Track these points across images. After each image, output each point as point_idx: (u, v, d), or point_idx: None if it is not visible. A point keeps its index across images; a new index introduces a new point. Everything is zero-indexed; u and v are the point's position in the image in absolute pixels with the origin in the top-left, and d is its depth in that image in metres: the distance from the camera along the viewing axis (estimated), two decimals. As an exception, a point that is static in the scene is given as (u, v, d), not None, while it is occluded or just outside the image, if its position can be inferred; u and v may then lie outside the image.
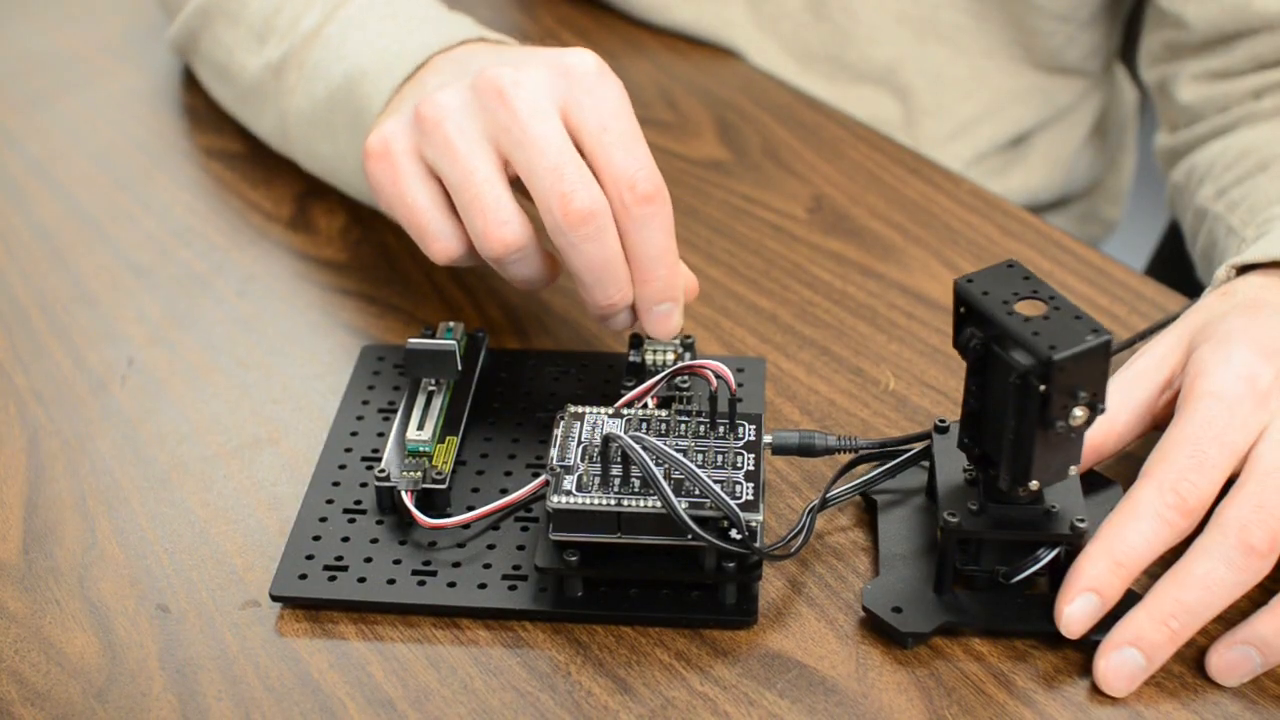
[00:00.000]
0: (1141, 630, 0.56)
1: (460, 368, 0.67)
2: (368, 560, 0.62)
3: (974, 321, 0.57)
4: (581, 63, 0.65)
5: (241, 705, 0.57)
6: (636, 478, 0.58)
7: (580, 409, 0.62)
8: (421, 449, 0.64)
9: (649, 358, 0.68)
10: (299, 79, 0.78)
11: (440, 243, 0.66)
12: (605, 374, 0.71)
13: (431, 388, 0.67)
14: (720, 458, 0.59)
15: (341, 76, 0.75)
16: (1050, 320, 0.55)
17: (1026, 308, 0.56)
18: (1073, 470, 0.57)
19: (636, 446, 0.57)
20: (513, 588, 0.60)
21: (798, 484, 0.66)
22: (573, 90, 0.64)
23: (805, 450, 0.63)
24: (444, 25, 0.74)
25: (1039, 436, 0.55)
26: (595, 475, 0.58)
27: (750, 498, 0.58)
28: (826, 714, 0.56)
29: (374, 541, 0.62)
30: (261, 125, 0.84)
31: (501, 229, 0.63)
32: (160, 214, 0.84)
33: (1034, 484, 0.56)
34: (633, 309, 0.65)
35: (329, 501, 0.64)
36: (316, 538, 0.63)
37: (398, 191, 0.67)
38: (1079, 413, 0.54)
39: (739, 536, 0.57)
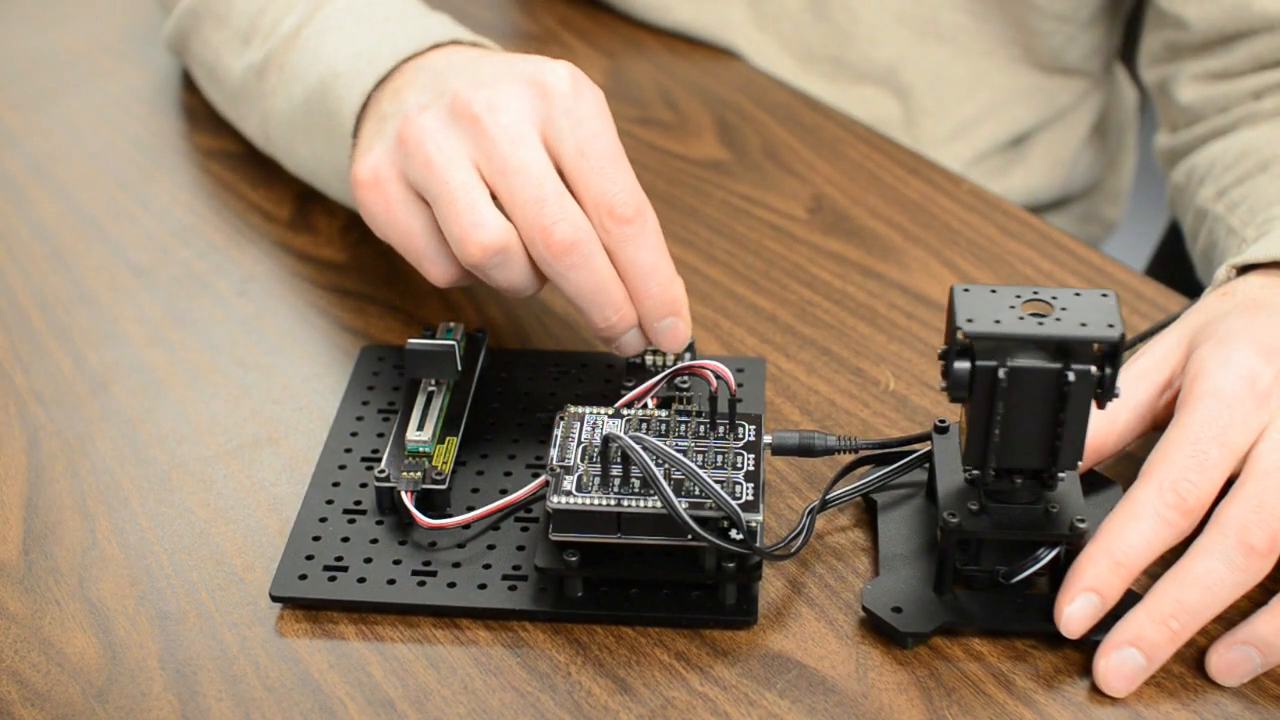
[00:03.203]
0: (1141, 630, 0.56)
1: (460, 368, 0.66)
2: (368, 560, 0.62)
3: (985, 355, 0.55)
4: (558, 81, 0.64)
5: (241, 705, 0.57)
6: (636, 478, 0.58)
7: (580, 409, 0.62)
8: (421, 449, 0.64)
9: (649, 358, 0.68)
10: (279, 81, 0.78)
11: (438, 266, 0.66)
12: (605, 374, 0.71)
13: (431, 388, 0.67)
14: (720, 458, 0.59)
15: (317, 80, 0.75)
16: (1070, 310, 0.55)
17: (1035, 308, 0.56)
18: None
19: (636, 447, 0.57)
20: (513, 588, 0.60)
21: (798, 484, 0.66)
22: (550, 111, 0.64)
23: (805, 450, 0.63)
24: (417, 28, 0.74)
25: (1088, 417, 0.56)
26: (595, 475, 0.58)
27: (750, 498, 0.58)
28: (826, 714, 0.56)
29: (374, 542, 0.62)
30: (247, 126, 0.84)
31: (478, 232, 0.63)
32: (160, 214, 0.84)
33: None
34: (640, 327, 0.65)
35: (329, 502, 0.64)
36: (316, 538, 0.63)
37: (391, 220, 0.67)
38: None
39: (739, 536, 0.57)
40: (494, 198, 0.64)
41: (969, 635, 0.59)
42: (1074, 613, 0.57)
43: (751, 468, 0.59)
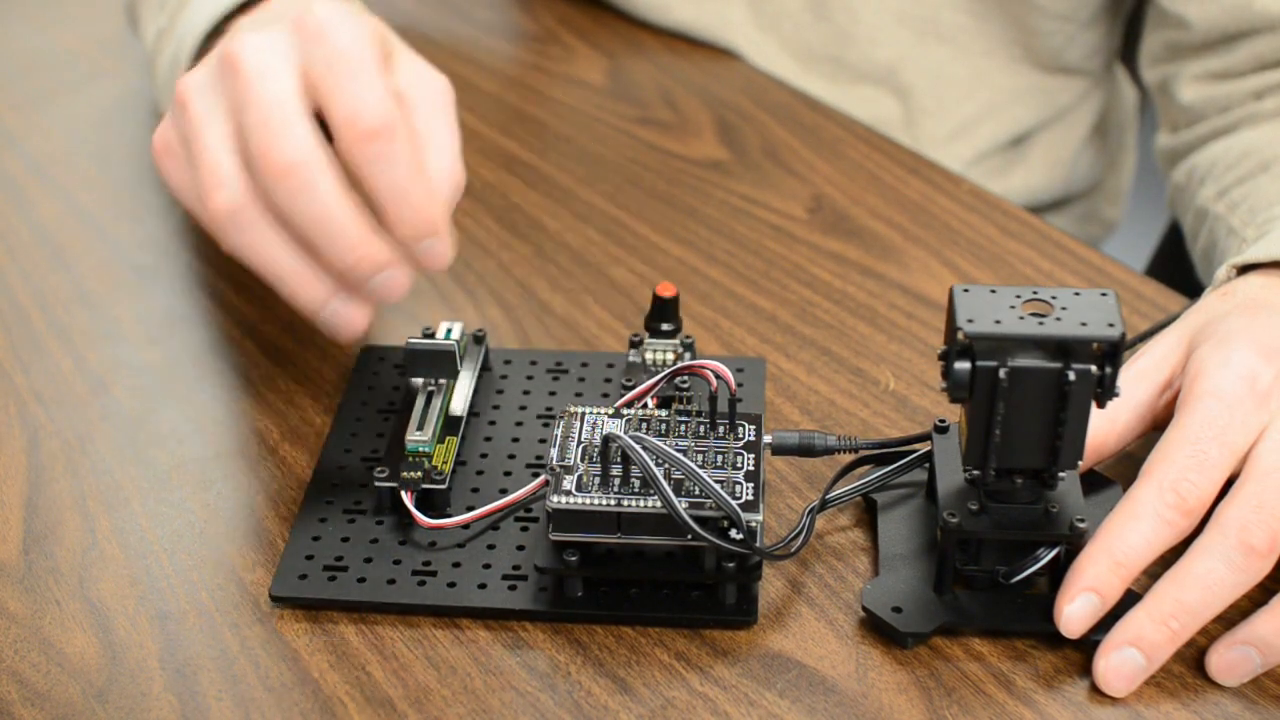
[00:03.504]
0: (1141, 630, 0.56)
1: (460, 368, 0.66)
2: (368, 560, 0.62)
3: (985, 356, 0.55)
4: (310, 15, 0.61)
5: (241, 705, 0.57)
6: (636, 478, 0.58)
7: (580, 409, 0.62)
8: (421, 449, 0.64)
9: (649, 357, 0.68)
10: (168, 42, 0.77)
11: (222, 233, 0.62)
12: (605, 374, 0.71)
13: (431, 388, 0.67)
14: (720, 458, 0.59)
15: (178, 38, 0.74)
16: (1070, 309, 0.55)
17: (1034, 308, 0.56)
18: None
19: (636, 446, 0.57)
20: (513, 588, 0.60)
21: (798, 484, 0.66)
22: (305, 42, 0.61)
23: (805, 450, 0.63)
24: None
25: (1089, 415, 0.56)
26: (595, 475, 0.58)
27: (750, 498, 0.58)
28: (826, 714, 0.56)
29: (374, 542, 0.62)
30: (156, 93, 0.83)
31: (214, 193, 0.59)
32: (160, 214, 0.84)
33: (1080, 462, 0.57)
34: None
35: (329, 502, 0.64)
36: (316, 538, 0.63)
37: (178, 183, 0.63)
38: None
39: (739, 536, 0.57)
40: None
41: (969, 635, 0.59)
42: (1074, 613, 0.57)
43: (751, 467, 0.59)
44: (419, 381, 0.67)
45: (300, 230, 0.59)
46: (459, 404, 0.67)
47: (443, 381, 0.67)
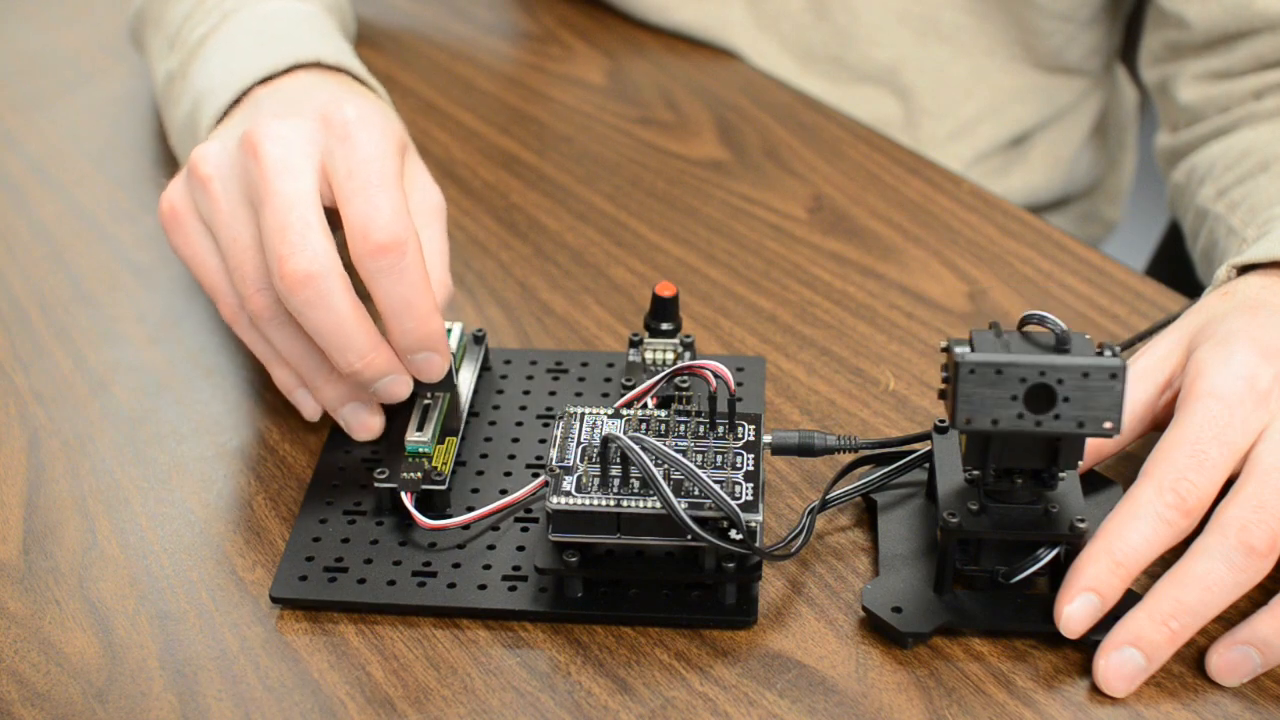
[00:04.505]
0: (1141, 630, 0.56)
1: (457, 379, 0.66)
2: (368, 561, 0.62)
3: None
4: (340, 112, 0.63)
5: (241, 705, 0.57)
6: (636, 478, 0.58)
7: (580, 409, 0.62)
8: (421, 450, 0.64)
9: (649, 357, 0.68)
10: (181, 90, 0.78)
11: (229, 307, 0.65)
12: (605, 374, 0.71)
13: (427, 401, 0.66)
14: (720, 458, 0.59)
15: (195, 95, 0.75)
16: (1072, 400, 0.54)
17: (1038, 396, 0.55)
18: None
19: (635, 447, 0.57)
20: (513, 588, 0.60)
21: (798, 484, 0.66)
22: (329, 140, 0.63)
23: (805, 450, 0.63)
24: (279, 49, 0.72)
25: None
26: (595, 476, 0.58)
27: (750, 498, 0.58)
28: (826, 714, 0.56)
29: (374, 543, 0.62)
30: (167, 133, 0.84)
31: (255, 295, 0.62)
32: (160, 214, 0.84)
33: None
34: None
35: (329, 503, 0.64)
36: (316, 539, 0.63)
37: (190, 254, 0.65)
38: None
39: (739, 537, 0.57)
40: None
41: (969, 635, 0.59)
42: (1074, 613, 0.57)
43: (751, 467, 0.59)
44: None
45: (311, 334, 0.61)
46: (458, 405, 0.67)
47: (439, 395, 0.67)
